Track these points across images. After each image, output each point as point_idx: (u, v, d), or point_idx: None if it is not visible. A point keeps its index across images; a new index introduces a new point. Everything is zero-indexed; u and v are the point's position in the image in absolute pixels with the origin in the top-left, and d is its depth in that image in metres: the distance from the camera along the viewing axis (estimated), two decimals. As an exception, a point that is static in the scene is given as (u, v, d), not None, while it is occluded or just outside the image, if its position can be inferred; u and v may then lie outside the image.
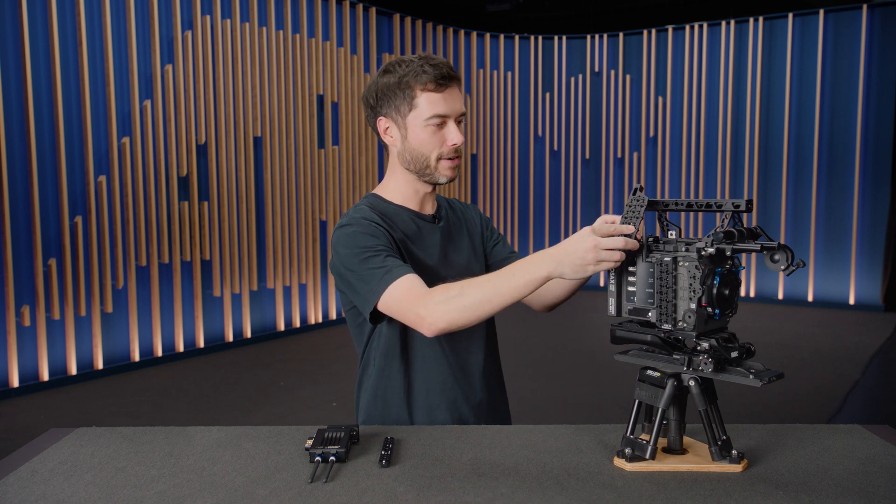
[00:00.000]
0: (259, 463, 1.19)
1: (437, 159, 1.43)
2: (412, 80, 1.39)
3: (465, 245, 1.56)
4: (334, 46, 6.78)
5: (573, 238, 1.16)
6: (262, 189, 6.23)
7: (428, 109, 1.40)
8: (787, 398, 4.29)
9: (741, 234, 1.09)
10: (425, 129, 1.41)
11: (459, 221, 1.59)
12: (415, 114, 1.41)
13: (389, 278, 1.29)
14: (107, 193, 5.07)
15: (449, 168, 1.44)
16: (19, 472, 1.17)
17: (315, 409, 4.28)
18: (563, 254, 1.16)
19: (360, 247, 1.35)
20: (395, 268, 1.31)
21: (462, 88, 1.48)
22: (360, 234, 1.37)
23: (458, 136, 1.42)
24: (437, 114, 1.40)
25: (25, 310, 4.63)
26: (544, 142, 9.02)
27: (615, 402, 4.24)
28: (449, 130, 1.42)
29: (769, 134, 7.85)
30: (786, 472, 1.13)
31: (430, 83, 1.39)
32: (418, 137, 1.42)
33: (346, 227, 1.39)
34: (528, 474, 1.13)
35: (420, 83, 1.39)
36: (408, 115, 1.42)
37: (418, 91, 1.40)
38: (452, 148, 1.42)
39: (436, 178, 1.46)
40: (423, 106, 1.40)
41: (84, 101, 4.93)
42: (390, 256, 1.34)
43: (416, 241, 1.47)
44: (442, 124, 1.41)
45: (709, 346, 1.11)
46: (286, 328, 6.49)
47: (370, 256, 1.34)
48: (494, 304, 1.21)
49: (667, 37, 8.38)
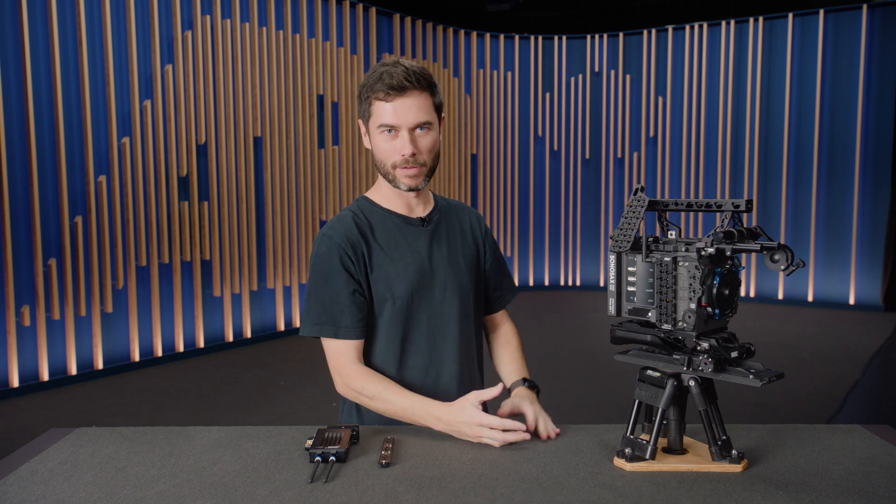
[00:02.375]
0: (259, 463, 1.19)
1: (393, 167, 1.44)
2: (369, 89, 1.43)
3: (456, 248, 1.55)
4: (334, 46, 6.78)
5: (458, 408, 1.31)
6: (262, 189, 6.24)
7: (378, 117, 1.42)
8: (787, 398, 4.29)
9: (741, 234, 1.09)
10: (380, 137, 1.43)
11: (456, 225, 1.58)
12: (372, 121, 1.45)
13: (327, 331, 1.43)
14: (107, 193, 5.07)
15: (405, 176, 1.44)
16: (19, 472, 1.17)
17: (315, 409, 4.28)
18: (448, 422, 1.31)
19: (322, 274, 1.44)
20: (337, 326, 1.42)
21: (436, 94, 1.46)
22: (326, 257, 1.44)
23: (407, 147, 1.41)
24: (384, 123, 1.41)
25: (25, 310, 4.63)
26: (544, 142, 9.02)
27: (615, 402, 4.24)
28: (399, 140, 1.42)
29: (769, 134, 7.85)
30: (786, 472, 1.13)
31: (380, 92, 1.40)
32: (376, 145, 1.46)
33: (321, 242, 1.46)
34: (528, 474, 1.13)
35: (374, 92, 1.41)
36: (369, 121, 1.46)
37: (373, 100, 1.42)
38: (402, 158, 1.42)
39: (397, 185, 1.46)
40: (375, 114, 1.43)
41: (84, 101, 4.93)
42: (340, 302, 1.42)
43: (397, 248, 1.48)
44: (395, 133, 1.42)
45: (709, 346, 1.11)
46: (286, 328, 6.49)
47: (324, 290, 1.43)
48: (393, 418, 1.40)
49: (667, 37, 8.38)
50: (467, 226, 1.60)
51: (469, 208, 1.66)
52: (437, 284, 1.48)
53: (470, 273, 1.55)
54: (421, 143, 1.42)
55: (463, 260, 1.55)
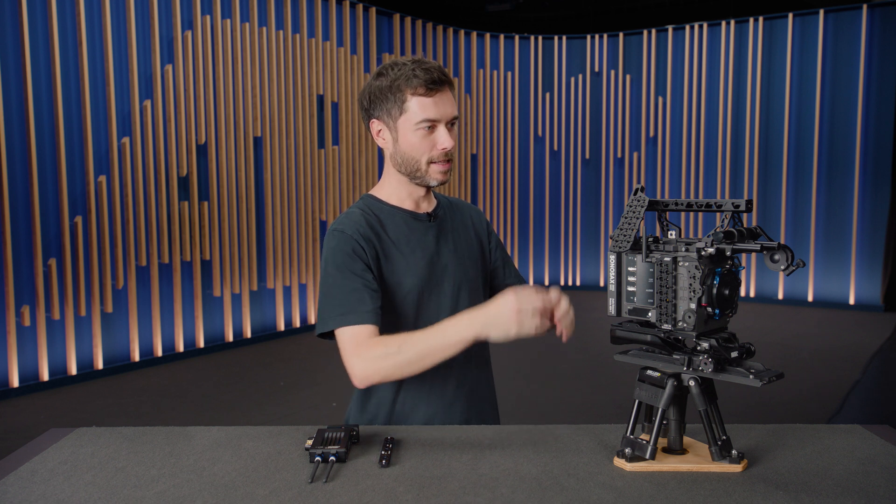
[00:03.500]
0: (259, 463, 1.19)
1: (428, 163, 1.43)
2: (403, 84, 1.40)
3: (462, 245, 1.56)
4: (334, 46, 6.78)
5: (498, 302, 1.22)
6: (262, 189, 6.24)
7: (418, 114, 1.40)
8: (787, 398, 4.29)
9: (741, 234, 1.09)
10: (415, 133, 1.41)
11: (458, 221, 1.59)
12: (405, 118, 1.42)
13: (342, 321, 1.35)
14: (107, 193, 5.07)
15: (439, 172, 1.44)
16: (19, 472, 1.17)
17: (315, 409, 4.28)
18: (488, 317, 1.22)
19: (336, 266, 1.39)
20: (351, 312, 1.35)
21: (455, 92, 1.48)
22: (340, 251, 1.40)
23: (449, 141, 1.42)
24: (427, 118, 1.40)
25: (25, 310, 4.63)
26: (544, 142, 9.02)
27: (615, 402, 4.24)
28: (439, 134, 1.42)
29: (769, 134, 7.85)
30: (786, 472, 1.13)
31: (420, 87, 1.39)
32: (409, 141, 1.42)
33: (332, 236, 1.43)
34: (528, 474, 1.13)
35: (411, 87, 1.39)
36: (399, 118, 1.43)
37: (409, 95, 1.40)
38: (443, 152, 1.42)
39: (426, 181, 1.46)
40: (413, 110, 1.40)
41: (84, 101, 4.93)
42: (355, 291, 1.37)
43: (408, 243, 1.48)
44: (432, 128, 1.41)
45: (709, 346, 1.10)
46: (286, 328, 6.49)
47: (340, 282, 1.38)
48: (426, 362, 1.28)
49: (667, 37, 8.38)
50: (469, 222, 1.61)
51: (470, 205, 1.67)
52: (447, 279, 1.49)
53: (476, 267, 1.57)
54: (453, 137, 1.44)
55: (469, 254, 1.56)
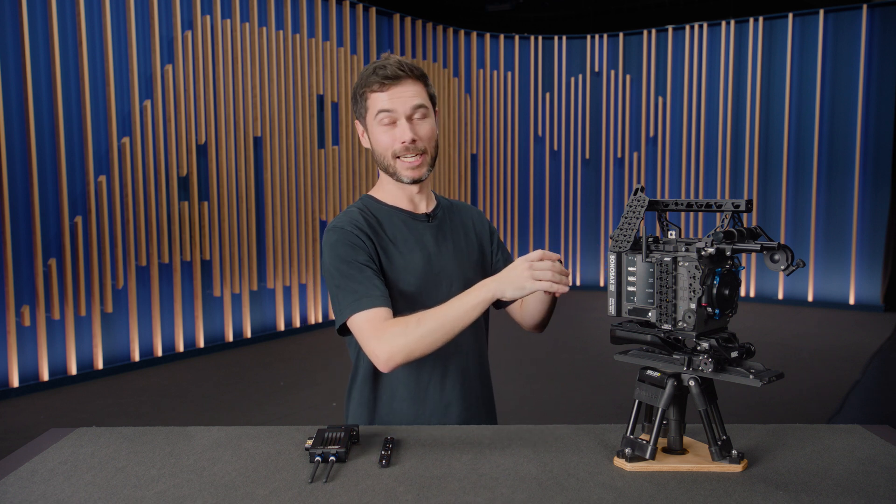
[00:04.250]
0: (259, 463, 1.19)
1: (394, 157, 1.45)
2: (363, 84, 1.45)
3: (461, 245, 1.55)
4: (334, 46, 6.78)
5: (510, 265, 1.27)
6: (262, 189, 6.24)
7: (374, 107, 1.44)
8: (787, 398, 4.29)
9: (741, 234, 1.09)
10: (378, 129, 1.45)
11: (458, 222, 1.59)
12: (369, 115, 1.46)
13: (357, 306, 1.34)
14: (107, 193, 5.07)
15: (406, 167, 1.45)
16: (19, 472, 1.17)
17: (315, 409, 4.28)
18: (502, 276, 1.25)
19: (341, 259, 1.39)
20: (364, 296, 1.34)
21: (429, 85, 1.48)
22: (342, 244, 1.40)
23: (406, 133, 1.42)
24: (381, 109, 1.43)
25: (25, 310, 4.63)
26: (544, 142, 9.02)
27: (615, 402, 4.24)
28: (398, 128, 1.43)
29: (769, 134, 7.85)
30: (786, 472, 1.13)
31: (375, 84, 1.43)
32: (375, 138, 1.47)
33: (332, 233, 1.43)
34: (527, 474, 1.13)
35: (368, 85, 1.44)
36: (365, 116, 1.48)
37: (368, 93, 1.45)
38: (403, 146, 1.43)
39: (399, 178, 1.47)
40: (371, 106, 1.45)
41: (84, 101, 4.93)
42: (364, 278, 1.37)
43: (405, 242, 1.48)
44: (392, 123, 1.43)
45: (709, 346, 1.10)
46: (286, 328, 6.49)
47: (347, 272, 1.38)
48: (447, 331, 1.28)
49: (667, 37, 8.38)
50: (470, 223, 1.61)
51: (471, 207, 1.67)
52: (444, 279, 1.49)
53: (475, 268, 1.56)
54: (420, 129, 1.44)
55: (468, 255, 1.56)
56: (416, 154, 1.44)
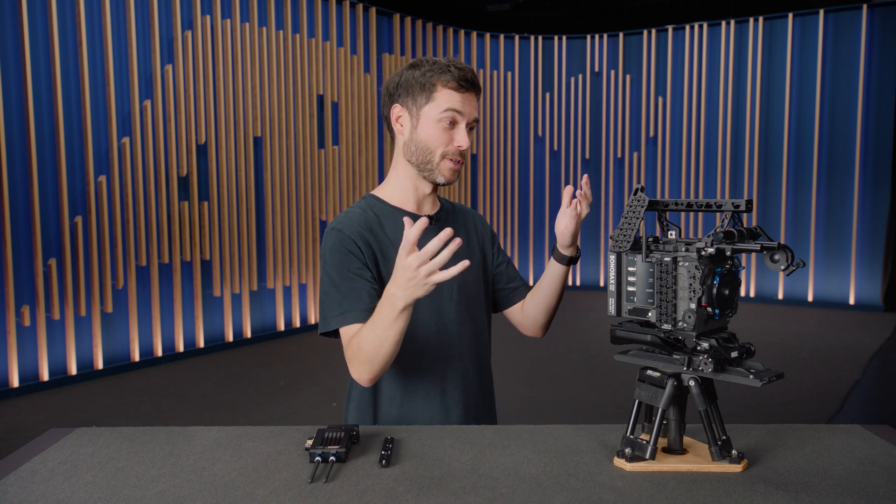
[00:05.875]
0: (259, 463, 1.19)
1: (442, 157, 1.45)
2: (437, 76, 1.44)
3: (462, 249, 1.54)
4: (334, 46, 6.78)
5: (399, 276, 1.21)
6: (262, 189, 6.24)
7: (444, 103, 1.43)
8: (787, 398, 4.29)
9: (741, 234, 1.09)
10: (437, 124, 1.44)
11: (461, 226, 1.58)
12: (430, 106, 1.44)
13: (341, 320, 1.37)
14: (107, 193, 5.07)
15: (449, 169, 1.46)
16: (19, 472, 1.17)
17: (315, 409, 4.28)
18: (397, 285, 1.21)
19: (333, 265, 1.41)
20: (348, 311, 1.37)
21: (479, 101, 1.51)
22: (336, 250, 1.41)
23: (466, 140, 1.45)
24: (452, 108, 1.43)
25: (25, 310, 4.63)
26: (544, 142, 9.02)
27: (615, 402, 4.24)
28: (458, 131, 1.44)
29: (769, 134, 7.85)
30: (786, 472, 1.13)
31: (451, 81, 1.43)
32: (428, 130, 1.44)
33: (330, 235, 1.44)
34: (527, 474, 1.13)
35: (443, 80, 1.43)
36: (424, 106, 1.45)
37: (439, 86, 1.44)
38: (458, 150, 1.45)
39: (435, 177, 1.47)
40: (439, 100, 1.43)
41: (84, 101, 4.93)
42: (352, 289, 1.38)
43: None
44: (453, 123, 1.44)
45: (709, 346, 1.10)
46: (286, 328, 6.49)
47: (337, 280, 1.39)
48: (386, 346, 1.28)
49: (667, 37, 8.38)
50: (472, 227, 1.61)
51: (472, 211, 1.67)
52: (446, 283, 1.48)
53: (476, 273, 1.56)
54: (469, 139, 1.47)
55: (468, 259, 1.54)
56: (461, 160, 1.47)
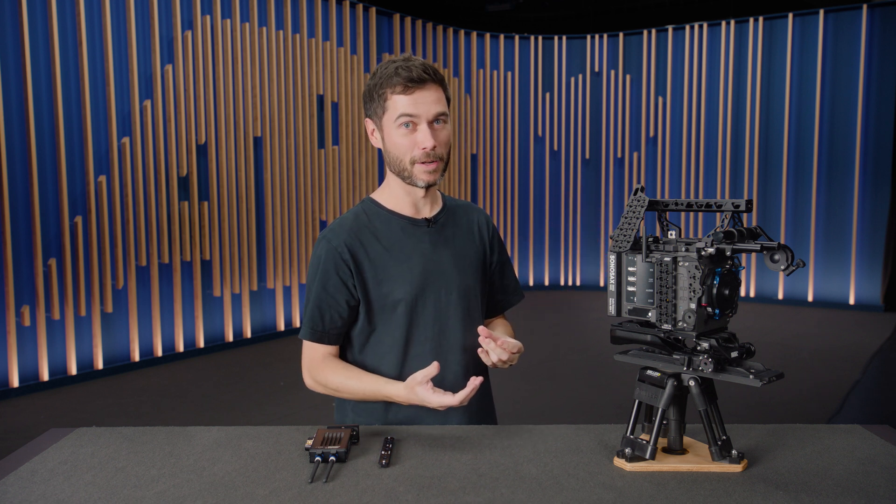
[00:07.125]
0: (259, 463, 1.19)
1: (412, 163, 1.42)
2: (385, 83, 1.41)
3: (462, 249, 1.53)
4: (334, 46, 6.78)
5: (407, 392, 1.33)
6: (262, 189, 6.23)
7: (396, 109, 1.40)
8: (787, 398, 4.29)
9: (741, 234, 1.09)
10: (397, 132, 1.41)
11: (463, 226, 1.56)
12: (387, 116, 1.42)
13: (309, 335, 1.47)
14: (107, 193, 5.07)
15: (424, 172, 1.42)
16: (19, 472, 1.17)
17: (315, 409, 4.28)
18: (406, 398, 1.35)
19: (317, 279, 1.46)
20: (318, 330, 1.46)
21: (446, 89, 1.46)
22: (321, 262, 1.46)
23: (428, 140, 1.40)
24: (404, 112, 1.39)
25: (25, 310, 4.63)
26: (544, 142, 9.02)
27: (615, 402, 4.24)
28: (420, 133, 1.40)
29: (769, 134, 7.85)
30: (786, 472, 1.13)
31: (398, 85, 1.39)
32: (392, 140, 1.43)
33: (320, 244, 1.47)
34: (527, 474, 1.13)
35: (391, 86, 1.40)
36: (383, 117, 1.44)
37: (389, 94, 1.41)
38: (423, 152, 1.40)
39: (414, 182, 1.44)
40: (392, 108, 1.41)
41: (84, 101, 4.93)
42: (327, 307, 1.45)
43: (402, 250, 1.47)
44: (412, 127, 1.40)
45: (709, 346, 1.11)
46: (286, 328, 6.49)
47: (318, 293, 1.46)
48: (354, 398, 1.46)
49: (667, 37, 8.38)
50: (475, 226, 1.59)
51: (478, 208, 1.64)
52: (443, 286, 1.47)
53: (476, 274, 1.54)
54: (439, 136, 1.42)
55: (469, 261, 1.53)
56: (434, 160, 1.42)
